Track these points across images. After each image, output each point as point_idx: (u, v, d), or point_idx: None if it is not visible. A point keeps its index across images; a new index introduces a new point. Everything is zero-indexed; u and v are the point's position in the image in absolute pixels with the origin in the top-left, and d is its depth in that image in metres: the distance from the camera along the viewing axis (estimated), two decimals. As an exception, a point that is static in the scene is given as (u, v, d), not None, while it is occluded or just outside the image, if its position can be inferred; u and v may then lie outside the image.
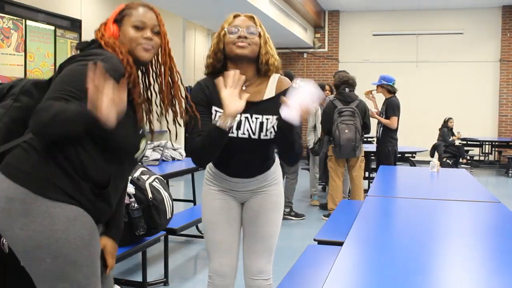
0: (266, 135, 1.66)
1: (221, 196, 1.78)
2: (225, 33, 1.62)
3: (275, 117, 1.62)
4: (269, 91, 1.65)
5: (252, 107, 1.64)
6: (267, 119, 1.64)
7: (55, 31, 6.30)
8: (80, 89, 1.18)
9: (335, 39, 10.26)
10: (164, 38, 1.42)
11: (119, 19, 1.38)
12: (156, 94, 1.47)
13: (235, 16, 1.67)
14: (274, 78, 1.66)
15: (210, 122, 1.59)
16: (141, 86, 1.46)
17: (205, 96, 1.62)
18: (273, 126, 1.66)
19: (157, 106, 1.48)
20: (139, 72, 1.45)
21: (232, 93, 1.48)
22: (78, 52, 1.37)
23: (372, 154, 5.52)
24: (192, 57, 9.45)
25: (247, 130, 1.64)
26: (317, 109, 5.46)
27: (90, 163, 1.28)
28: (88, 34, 5.97)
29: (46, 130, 1.18)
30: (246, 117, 1.64)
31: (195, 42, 9.74)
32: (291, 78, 4.96)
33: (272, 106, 1.61)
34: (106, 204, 1.36)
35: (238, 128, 1.64)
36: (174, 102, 1.45)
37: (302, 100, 1.46)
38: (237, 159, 1.71)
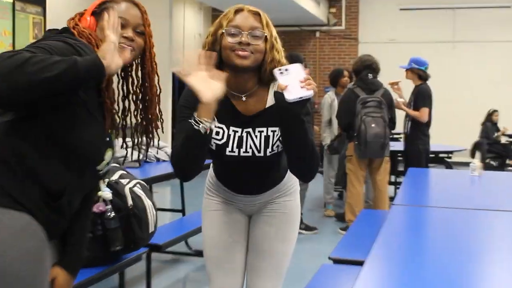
0: (273, 150, 1.67)
1: (224, 207, 1.82)
2: (223, 33, 1.57)
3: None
4: (272, 98, 1.61)
5: (254, 120, 1.66)
6: (273, 131, 1.64)
7: (13, 4, 6.39)
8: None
9: (353, 15, 10.50)
10: (149, 40, 1.46)
11: (97, 12, 1.42)
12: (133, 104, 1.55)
13: (237, 11, 1.61)
14: (275, 82, 1.62)
15: None
16: (118, 93, 1.52)
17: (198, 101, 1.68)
18: (279, 139, 1.64)
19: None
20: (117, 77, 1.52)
21: (202, 76, 1.45)
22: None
23: (399, 154, 5.57)
24: (180, 37, 9.60)
25: (251, 148, 1.64)
26: (333, 99, 5.46)
27: (44, 167, 1.31)
28: (53, 10, 6.22)
29: (10, 77, 1.13)
30: (248, 132, 1.65)
31: (185, 19, 9.88)
32: (299, 61, 5.00)
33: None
34: (59, 216, 1.37)
35: (240, 146, 1.64)
36: (153, 116, 1.51)
37: (298, 75, 1.45)
38: (241, 178, 1.75)
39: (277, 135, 1.65)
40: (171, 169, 3.63)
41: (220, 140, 1.63)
